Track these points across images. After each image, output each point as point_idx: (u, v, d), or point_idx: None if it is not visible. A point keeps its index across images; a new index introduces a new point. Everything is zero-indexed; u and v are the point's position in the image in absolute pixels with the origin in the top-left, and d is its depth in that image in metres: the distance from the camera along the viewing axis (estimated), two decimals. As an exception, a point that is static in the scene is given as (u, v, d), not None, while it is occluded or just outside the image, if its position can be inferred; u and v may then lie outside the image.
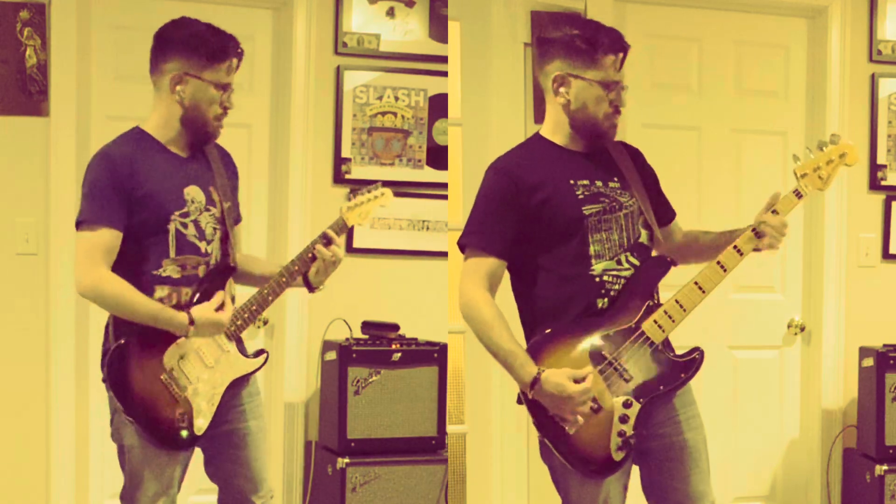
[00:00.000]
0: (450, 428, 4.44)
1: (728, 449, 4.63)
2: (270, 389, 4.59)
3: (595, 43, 2.77)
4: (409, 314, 4.52)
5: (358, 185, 3.19)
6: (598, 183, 2.83)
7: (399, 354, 4.30)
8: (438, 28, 4.69)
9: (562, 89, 2.81)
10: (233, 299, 3.06)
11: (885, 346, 4.44)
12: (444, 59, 4.59)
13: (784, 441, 4.77)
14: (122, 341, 2.90)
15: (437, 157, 4.70)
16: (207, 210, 3.00)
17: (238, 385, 3.03)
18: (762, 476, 4.76)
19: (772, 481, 4.77)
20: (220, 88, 2.97)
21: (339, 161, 4.61)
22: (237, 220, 3.17)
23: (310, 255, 3.03)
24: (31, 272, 4.25)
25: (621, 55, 2.81)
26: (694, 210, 4.56)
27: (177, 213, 2.93)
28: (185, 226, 2.94)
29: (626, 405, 2.75)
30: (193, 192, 2.98)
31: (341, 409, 4.24)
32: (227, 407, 3.01)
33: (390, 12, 4.66)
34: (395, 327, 4.40)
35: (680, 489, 2.86)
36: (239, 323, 2.98)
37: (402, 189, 4.65)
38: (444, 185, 4.56)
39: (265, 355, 3.07)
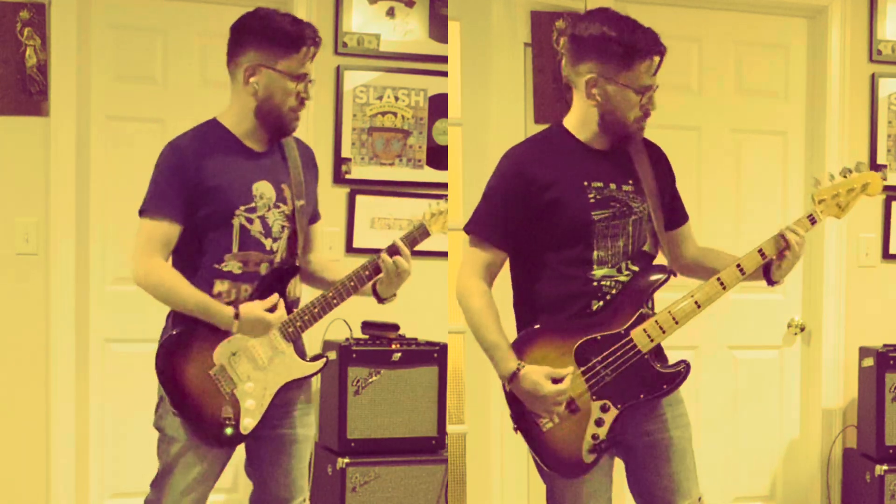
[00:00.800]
0: (450, 428, 4.44)
1: (728, 449, 4.63)
2: (270, 389, 4.59)
3: (631, 48, 2.74)
4: (409, 314, 4.51)
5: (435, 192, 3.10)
6: (612, 186, 2.82)
7: (399, 354, 4.30)
8: (438, 28, 4.69)
9: (594, 90, 2.78)
10: (297, 301, 3.02)
11: (885, 346, 4.44)
12: (444, 59, 4.59)
13: (784, 441, 4.77)
14: (175, 332, 2.87)
15: (437, 157, 4.70)
16: (277, 207, 2.95)
17: (292, 388, 2.97)
18: (762, 476, 4.76)
19: (772, 481, 4.78)
20: (295, 79, 2.90)
21: (339, 161, 4.61)
22: (314, 218, 3.12)
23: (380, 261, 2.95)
24: (31, 272, 4.25)
25: (657, 59, 2.78)
26: (694, 210, 4.50)
27: (242, 207, 2.89)
28: (250, 221, 2.90)
29: (604, 409, 2.76)
30: (263, 188, 2.93)
31: (341, 409, 4.24)
32: (279, 410, 2.96)
33: (390, 12, 4.66)
34: (395, 327, 4.40)
35: (665, 486, 2.86)
36: (299, 324, 2.92)
37: (402, 189, 4.66)
38: (444, 185, 4.56)
39: (324, 360, 3.00)
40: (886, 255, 4.74)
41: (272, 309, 2.89)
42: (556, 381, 2.71)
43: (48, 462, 4.27)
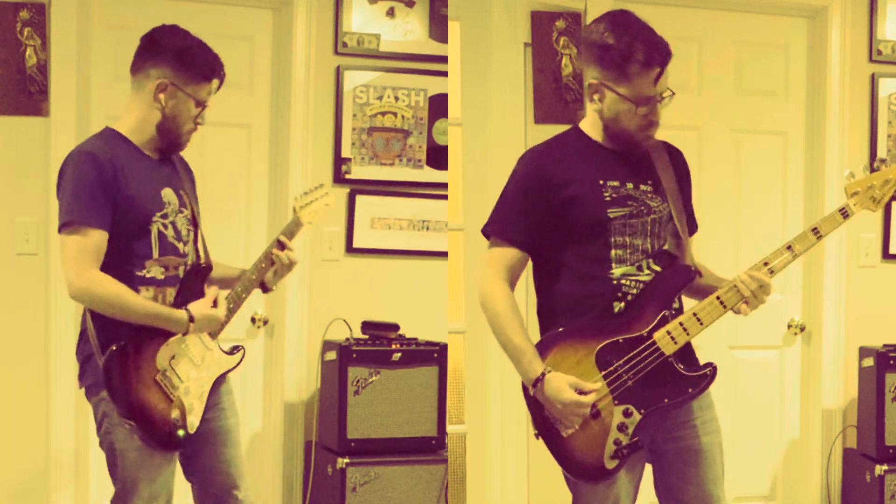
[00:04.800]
0: (450, 428, 4.44)
1: (728, 449, 4.58)
2: (270, 389, 4.59)
3: (628, 58, 2.69)
4: (409, 314, 4.52)
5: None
6: (629, 185, 2.79)
7: (399, 354, 4.30)
8: (438, 28, 4.69)
9: (595, 96, 2.76)
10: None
11: (885, 346, 4.44)
12: (444, 59, 4.59)
13: (784, 441, 4.77)
14: (115, 347, 2.88)
15: (437, 157, 4.70)
16: (181, 212, 3.02)
17: (218, 382, 3.06)
18: (762, 476, 4.76)
19: (772, 481, 4.77)
20: (198, 106, 2.99)
21: (339, 161, 4.61)
22: None
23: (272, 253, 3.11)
24: (31, 272, 4.25)
25: (658, 70, 2.71)
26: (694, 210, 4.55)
27: (157, 214, 2.95)
28: (165, 227, 2.96)
29: (627, 414, 2.71)
30: (168, 195, 2.99)
31: (341, 409, 4.24)
32: (208, 405, 3.03)
33: (390, 12, 4.66)
34: (395, 327, 4.40)
35: (692, 492, 2.82)
36: None
37: (402, 189, 4.66)
38: (444, 185, 4.56)
39: (242, 351, 3.11)
40: (886, 255, 4.74)
41: (215, 304, 3.00)
42: (581, 392, 2.69)
43: (48, 462, 4.27)
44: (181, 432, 2.94)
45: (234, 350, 3.11)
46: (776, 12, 4.71)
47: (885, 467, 4.30)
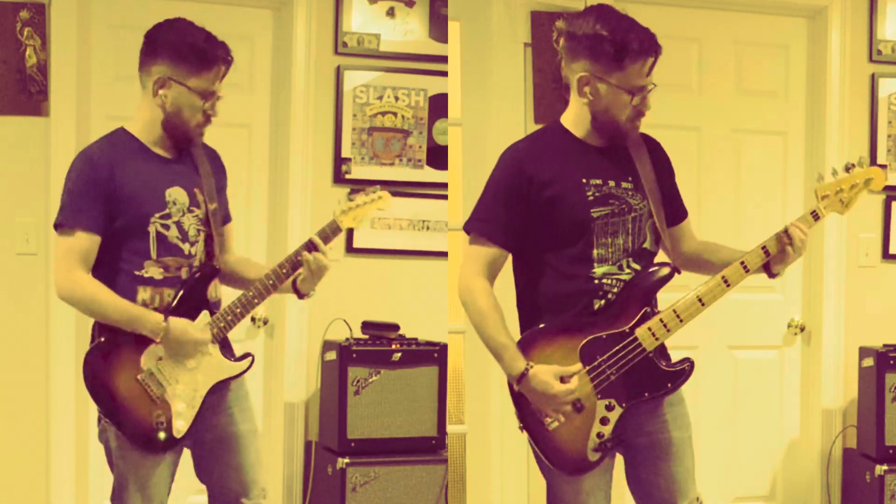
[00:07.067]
0: (450, 428, 4.44)
1: (728, 449, 4.63)
2: (270, 389, 4.59)
3: (623, 48, 2.72)
4: (409, 314, 4.52)
5: (358, 186, 3.12)
6: (611, 183, 2.81)
7: (399, 354, 4.30)
8: (438, 28, 4.69)
9: (586, 89, 2.78)
10: (218, 302, 3.04)
11: (885, 346, 4.44)
12: (444, 59, 4.59)
13: (784, 441, 4.77)
14: (100, 340, 2.88)
15: (437, 157, 4.70)
16: (191, 211, 2.97)
17: (222, 388, 2.99)
18: (762, 476, 4.76)
19: (772, 481, 4.77)
20: (204, 97, 2.93)
21: (339, 161, 4.61)
22: (226, 219, 3.14)
23: (298, 257, 2.97)
24: (31, 272, 4.25)
25: (651, 60, 2.77)
26: (694, 210, 4.49)
27: (157, 214, 2.91)
28: (166, 227, 2.92)
29: (609, 408, 2.76)
30: (176, 194, 2.95)
31: (341, 409, 4.24)
32: (214, 410, 2.98)
33: (390, 12, 4.66)
34: (395, 327, 4.40)
35: (663, 486, 2.86)
36: (222, 325, 2.95)
37: (402, 189, 4.66)
38: (444, 185, 4.57)
39: (250, 359, 3.03)
40: (886, 255, 4.74)
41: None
42: (563, 379, 2.72)
43: (48, 462, 4.28)
44: (162, 435, 2.88)
45: (243, 357, 3.03)
46: (776, 12, 4.71)
47: (885, 467, 4.30)
